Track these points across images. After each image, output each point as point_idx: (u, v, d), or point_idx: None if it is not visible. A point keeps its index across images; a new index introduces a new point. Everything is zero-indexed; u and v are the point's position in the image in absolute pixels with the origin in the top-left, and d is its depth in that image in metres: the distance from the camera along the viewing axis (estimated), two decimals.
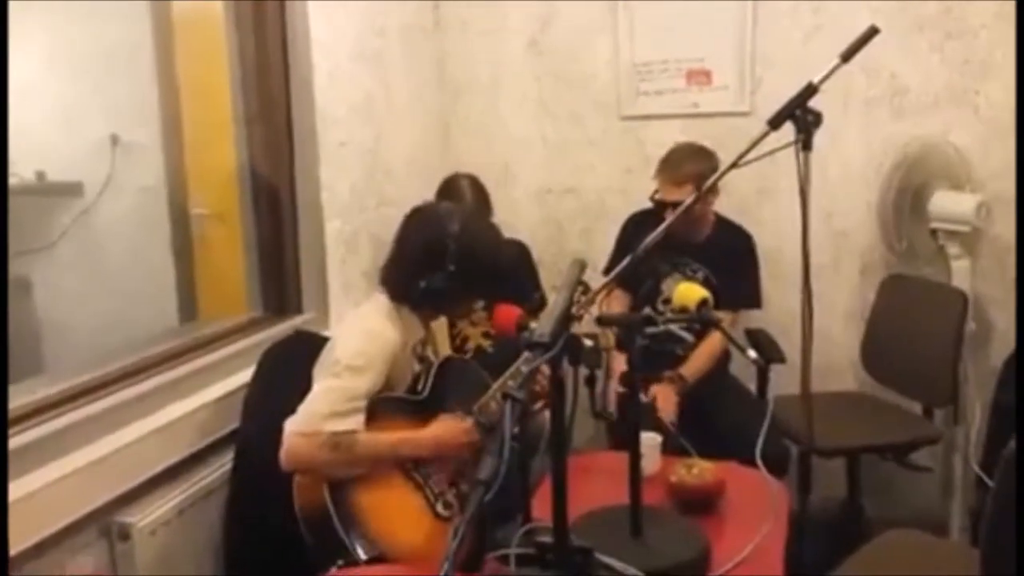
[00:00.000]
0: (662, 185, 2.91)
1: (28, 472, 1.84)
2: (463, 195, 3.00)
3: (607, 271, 2.03)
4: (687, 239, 2.94)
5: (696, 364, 2.91)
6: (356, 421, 1.97)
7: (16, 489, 1.75)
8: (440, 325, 2.49)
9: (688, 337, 2.92)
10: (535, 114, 3.70)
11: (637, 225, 3.10)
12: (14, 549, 1.63)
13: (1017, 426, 2.88)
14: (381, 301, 2.21)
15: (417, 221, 2.25)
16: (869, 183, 3.27)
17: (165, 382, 2.30)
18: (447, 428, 2.11)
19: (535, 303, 2.97)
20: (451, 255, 2.12)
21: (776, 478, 2.05)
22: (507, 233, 3.22)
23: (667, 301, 2.99)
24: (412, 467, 2.08)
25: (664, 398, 2.76)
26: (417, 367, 2.25)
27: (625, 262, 1.91)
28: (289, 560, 2.05)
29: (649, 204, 2.93)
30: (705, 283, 2.85)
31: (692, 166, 2.85)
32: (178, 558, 2.18)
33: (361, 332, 2.14)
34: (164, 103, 3.21)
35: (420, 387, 2.19)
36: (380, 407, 2.05)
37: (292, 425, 1.94)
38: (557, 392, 1.45)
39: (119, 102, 3.36)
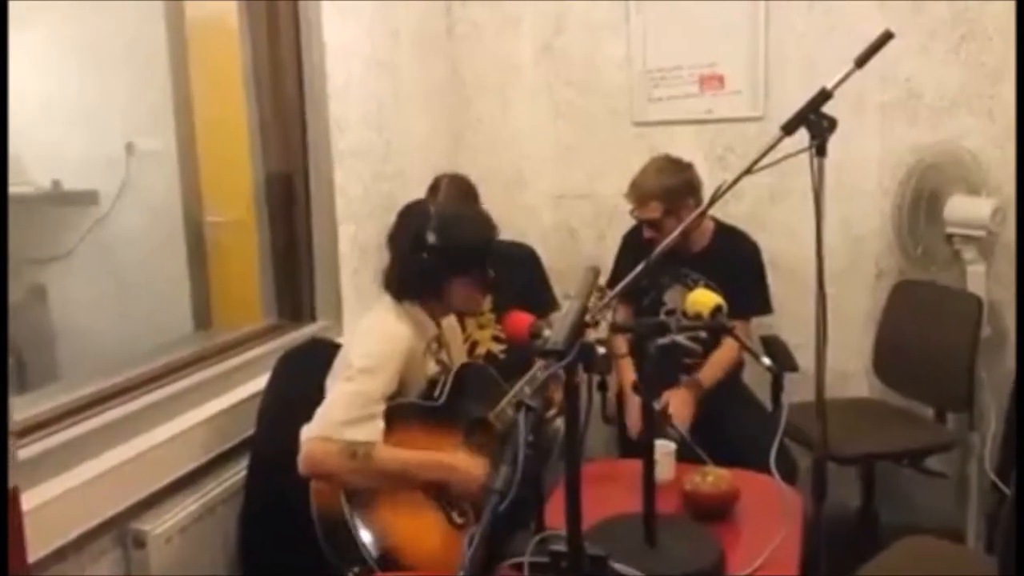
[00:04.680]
0: (632, 204, 2.93)
1: (44, 481, 1.85)
2: (439, 192, 2.98)
3: (609, 288, 2.06)
4: (685, 249, 2.93)
5: (713, 370, 2.90)
6: (374, 429, 1.97)
7: (32, 498, 1.76)
8: (454, 330, 2.50)
9: (696, 348, 2.94)
10: (548, 119, 3.71)
11: (631, 241, 3.12)
12: (31, 557, 1.64)
13: (1017, 428, 2.87)
14: (387, 303, 2.22)
15: (401, 216, 2.28)
16: (884, 188, 3.26)
17: (180, 390, 2.31)
18: (465, 466, 2.08)
19: (547, 308, 2.98)
20: (430, 232, 2.15)
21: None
22: (519, 238, 3.24)
23: (671, 313, 2.98)
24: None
25: (679, 404, 2.76)
26: (433, 368, 2.25)
27: (623, 283, 1.92)
28: (304, 567, 2.05)
29: None
30: None
31: (655, 182, 2.87)
32: (193, 566, 2.19)
33: (371, 334, 2.15)
34: (178, 111, 3.22)
35: (438, 393, 2.19)
36: (398, 413, 2.05)
37: (309, 431, 1.95)
38: (572, 400, 1.45)
39: (134, 111, 3.37)
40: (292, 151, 2.81)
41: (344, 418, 1.94)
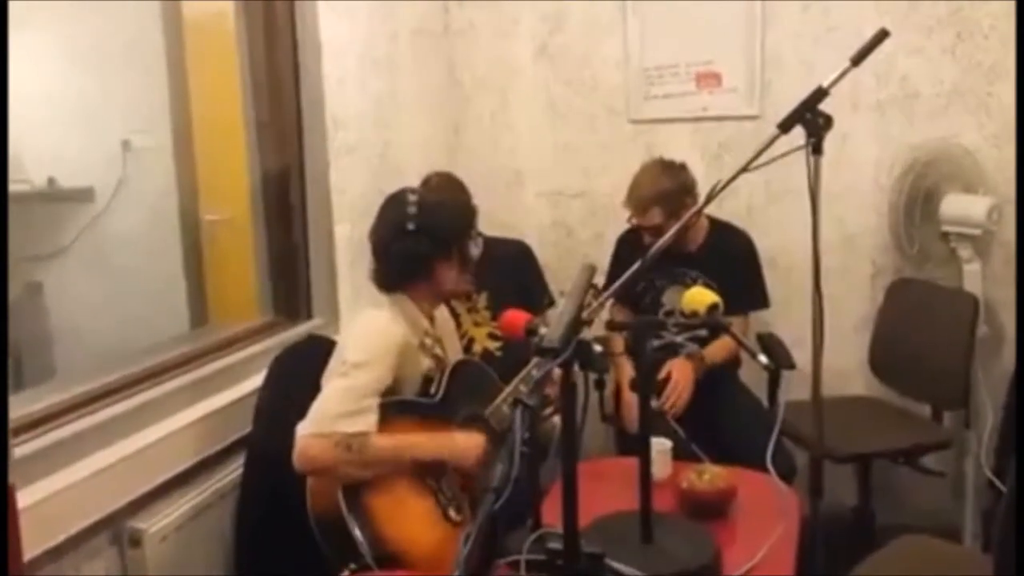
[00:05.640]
0: (631, 212, 2.92)
1: (39, 478, 1.85)
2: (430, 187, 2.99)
3: (605, 288, 2.06)
4: (681, 248, 2.93)
5: (715, 349, 2.90)
6: (368, 421, 1.97)
7: (27, 496, 1.75)
8: (448, 324, 2.50)
9: (693, 347, 2.93)
10: (545, 118, 3.71)
11: (627, 243, 3.11)
12: (26, 555, 1.63)
13: (1017, 428, 2.87)
14: (379, 300, 2.22)
15: (381, 209, 2.27)
16: (880, 186, 3.26)
17: (176, 388, 2.31)
18: (464, 440, 2.10)
19: (542, 304, 2.98)
20: (411, 217, 2.15)
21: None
22: (516, 237, 3.24)
23: (669, 313, 2.98)
24: (424, 472, 2.07)
25: (681, 371, 2.75)
26: (427, 362, 2.25)
27: (619, 282, 1.92)
28: (300, 565, 2.05)
29: None
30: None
31: (652, 189, 2.86)
32: (189, 564, 2.19)
33: (364, 330, 2.16)
34: (175, 109, 3.22)
35: (433, 390, 2.19)
36: (393, 409, 2.05)
37: (304, 428, 1.95)
38: (568, 397, 1.45)
39: (130, 108, 3.37)
40: (288, 149, 2.81)
41: (337, 412, 1.94)
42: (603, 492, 1.97)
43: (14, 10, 1.68)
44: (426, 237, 2.15)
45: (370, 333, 2.12)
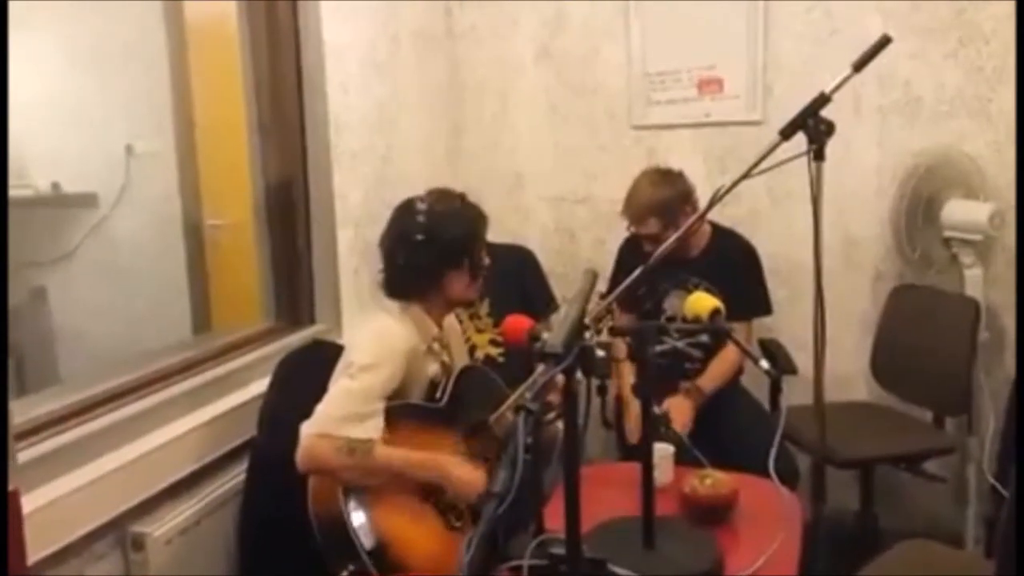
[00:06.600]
0: (629, 221, 2.93)
1: (43, 483, 1.86)
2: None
3: (607, 295, 2.06)
4: (683, 254, 2.93)
5: (713, 375, 2.90)
6: (374, 427, 1.98)
7: (32, 500, 1.76)
8: (455, 331, 2.50)
9: (695, 353, 2.94)
10: (547, 122, 3.71)
11: (629, 249, 3.11)
12: (30, 559, 1.64)
13: (1017, 429, 2.87)
14: (388, 305, 2.23)
15: (392, 215, 2.28)
16: (882, 192, 3.26)
17: (179, 393, 2.31)
18: (466, 475, 2.06)
19: (546, 309, 2.98)
20: (418, 228, 2.16)
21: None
22: (518, 242, 3.24)
23: (671, 319, 2.98)
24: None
25: (678, 411, 2.75)
26: (434, 368, 2.25)
27: (620, 288, 1.93)
28: (303, 569, 2.05)
29: None
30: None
31: (649, 198, 2.87)
32: (192, 568, 2.19)
33: (372, 333, 2.16)
34: (178, 113, 3.23)
35: (439, 395, 2.20)
36: (398, 414, 2.05)
37: (308, 427, 1.95)
38: (570, 403, 1.45)
39: (133, 112, 3.38)
40: (291, 153, 2.81)
41: (343, 414, 1.95)
42: (605, 497, 1.97)
43: (14, 10, 1.69)
44: (435, 247, 2.15)
45: (378, 337, 2.13)
